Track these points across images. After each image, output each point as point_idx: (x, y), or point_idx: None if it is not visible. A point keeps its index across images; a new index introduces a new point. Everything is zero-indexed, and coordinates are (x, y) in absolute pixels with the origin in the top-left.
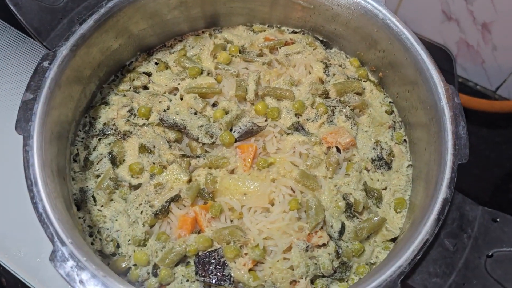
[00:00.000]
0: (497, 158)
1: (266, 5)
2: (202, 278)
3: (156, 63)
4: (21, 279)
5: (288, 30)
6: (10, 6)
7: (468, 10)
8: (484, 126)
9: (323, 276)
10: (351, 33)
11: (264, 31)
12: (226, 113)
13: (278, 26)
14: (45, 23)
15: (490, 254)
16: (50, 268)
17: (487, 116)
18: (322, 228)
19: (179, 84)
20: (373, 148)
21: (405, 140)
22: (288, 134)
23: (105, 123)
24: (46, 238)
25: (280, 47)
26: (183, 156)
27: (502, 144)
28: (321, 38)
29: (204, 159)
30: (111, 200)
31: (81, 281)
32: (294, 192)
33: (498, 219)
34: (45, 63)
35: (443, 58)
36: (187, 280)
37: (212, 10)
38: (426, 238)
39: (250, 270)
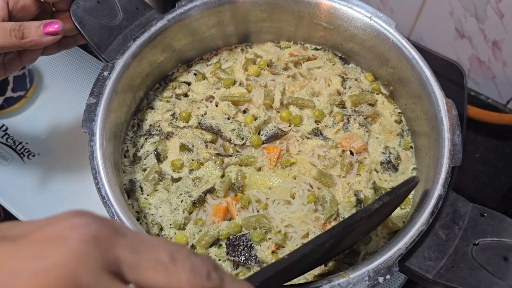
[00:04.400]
0: (505, 168)
1: (292, 25)
2: (232, 258)
3: (195, 74)
4: None
5: (310, 47)
6: (76, 23)
7: (479, 29)
8: (494, 137)
9: (335, 260)
10: (366, 52)
11: (290, 47)
12: (255, 119)
13: (302, 43)
14: (103, 38)
15: (476, 242)
16: None
17: (496, 128)
18: (335, 219)
19: (214, 92)
20: (383, 153)
21: (411, 147)
22: (308, 138)
23: (151, 125)
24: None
25: (303, 62)
26: (218, 154)
27: (510, 154)
28: (339, 55)
29: (236, 157)
30: (156, 190)
31: None
32: (312, 187)
33: (485, 214)
34: (105, 73)
35: (455, 73)
36: (219, 260)
37: (245, 28)
38: (422, 227)
39: (273, 252)
